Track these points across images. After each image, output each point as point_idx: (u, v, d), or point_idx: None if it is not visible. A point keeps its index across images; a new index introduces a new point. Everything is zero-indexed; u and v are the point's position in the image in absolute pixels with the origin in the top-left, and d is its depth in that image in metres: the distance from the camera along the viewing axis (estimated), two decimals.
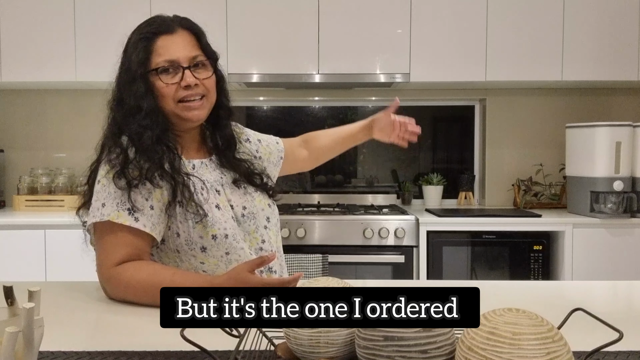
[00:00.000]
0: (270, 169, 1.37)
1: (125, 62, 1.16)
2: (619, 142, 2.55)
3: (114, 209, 1.06)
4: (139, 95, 1.12)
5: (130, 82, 1.13)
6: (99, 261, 1.09)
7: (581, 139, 2.67)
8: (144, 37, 1.14)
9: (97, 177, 1.11)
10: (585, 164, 2.65)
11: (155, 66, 1.13)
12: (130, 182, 1.06)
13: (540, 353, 0.57)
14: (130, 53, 1.14)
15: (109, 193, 1.07)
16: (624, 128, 2.57)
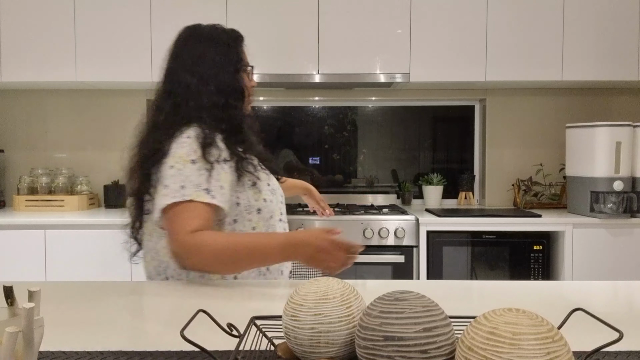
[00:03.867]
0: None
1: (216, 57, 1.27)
2: (619, 142, 2.55)
3: (194, 190, 1.16)
4: (238, 86, 1.27)
5: (230, 74, 1.27)
6: (174, 231, 1.15)
7: (581, 139, 2.67)
8: (236, 37, 1.31)
9: (167, 163, 1.19)
10: (585, 164, 2.65)
11: (246, 65, 1.32)
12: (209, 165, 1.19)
13: (540, 353, 0.57)
14: (226, 47, 1.27)
15: (187, 176, 1.17)
16: (624, 128, 2.57)
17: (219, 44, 1.29)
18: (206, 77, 1.26)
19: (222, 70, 1.27)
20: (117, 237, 2.55)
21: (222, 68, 1.27)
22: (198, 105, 1.24)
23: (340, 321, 0.72)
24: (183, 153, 1.19)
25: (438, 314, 0.67)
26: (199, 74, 1.26)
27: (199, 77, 1.26)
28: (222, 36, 1.31)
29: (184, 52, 1.32)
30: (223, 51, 1.29)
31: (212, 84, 1.26)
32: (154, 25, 2.78)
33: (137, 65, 2.78)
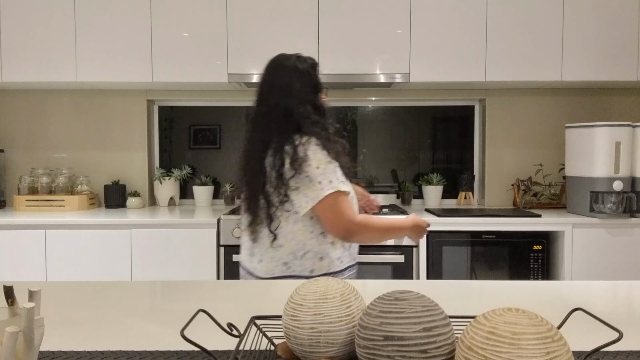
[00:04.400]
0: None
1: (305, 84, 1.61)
2: (618, 142, 2.55)
3: (338, 183, 1.49)
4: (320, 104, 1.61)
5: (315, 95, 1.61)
6: (341, 215, 1.48)
7: (581, 139, 2.67)
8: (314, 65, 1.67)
9: (312, 165, 1.47)
10: (585, 164, 2.65)
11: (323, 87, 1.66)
12: (338, 164, 1.52)
13: (540, 353, 0.57)
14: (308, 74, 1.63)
15: (330, 172, 1.48)
16: (624, 128, 2.57)
17: (303, 72, 1.62)
18: (301, 99, 1.56)
19: (309, 93, 1.59)
20: (117, 237, 2.55)
21: (309, 91, 1.60)
22: (300, 121, 1.53)
23: (340, 321, 0.72)
24: (322, 156, 1.49)
25: (438, 313, 0.67)
26: (295, 96, 1.56)
27: (295, 99, 1.56)
28: (304, 65, 1.63)
29: (277, 80, 1.62)
30: (307, 78, 1.62)
31: (307, 104, 1.56)
32: (154, 25, 2.78)
33: (137, 65, 2.78)
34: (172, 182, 3.14)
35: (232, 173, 3.31)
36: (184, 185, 3.28)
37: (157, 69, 2.79)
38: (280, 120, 1.54)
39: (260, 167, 1.53)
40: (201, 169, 3.30)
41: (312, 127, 1.52)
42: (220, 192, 3.30)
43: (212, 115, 3.29)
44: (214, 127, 3.29)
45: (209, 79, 2.79)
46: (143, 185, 3.20)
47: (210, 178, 3.24)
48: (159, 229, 2.56)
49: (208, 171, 3.29)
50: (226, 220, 2.56)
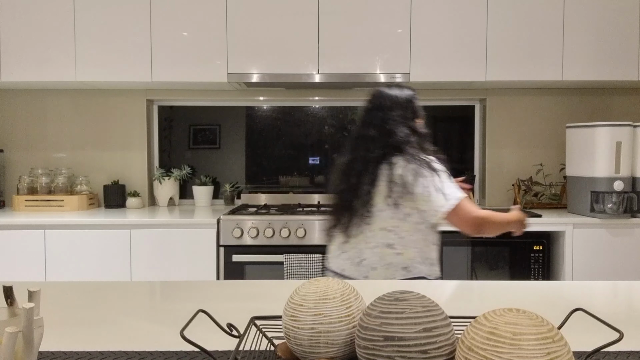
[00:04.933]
0: None
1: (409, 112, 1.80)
2: (619, 142, 2.55)
3: (457, 191, 1.70)
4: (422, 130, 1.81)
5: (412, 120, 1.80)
6: (473, 214, 1.69)
7: (581, 139, 2.67)
8: (415, 96, 1.83)
9: (435, 179, 1.67)
10: (586, 164, 2.64)
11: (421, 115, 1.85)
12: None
13: (540, 353, 0.57)
14: (413, 106, 1.81)
15: (451, 184, 1.70)
16: (624, 128, 2.57)
17: (409, 105, 1.81)
18: (400, 123, 1.75)
19: (408, 118, 1.78)
20: (117, 237, 2.55)
21: (408, 117, 1.78)
22: (400, 142, 1.72)
23: (340, 321, 0.72)
24: (443, 171, 1.72)
25: (438, 314, 0.67)
26: (395, 121, 1.75)
27: (395, 123, 1.75)
28: (408, 95, 1.82)
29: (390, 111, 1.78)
30: (413, 108, 1.81)
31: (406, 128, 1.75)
32: (153, 25, 2.78)
33: (136, 65, 2.78)
34: (172, 182, 3.14)
35: (231, 173, 3.31)
36: (184, 185, 3.28)
37: (157, 69, 2.78)
38: (383, 141, 1.73)
39: (369, 183, 1.71)
40: (201, 169, 3.30)
41: (411, 148, 1.73)
42: (220, 192, 3.30)
43: (211, 115, 3.29)
44: (214, 127, 3.29)
45: (209, 78, 2.79)
46: (143, 185, 3.20)
47: (210, 178, 3.24)
48: (159, 229, 2.56)
49: (208, 171, 3.29)
50: (226, 221, 2.56)
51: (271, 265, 2.54)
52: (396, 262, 1.68)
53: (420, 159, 1.70)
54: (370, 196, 1.69)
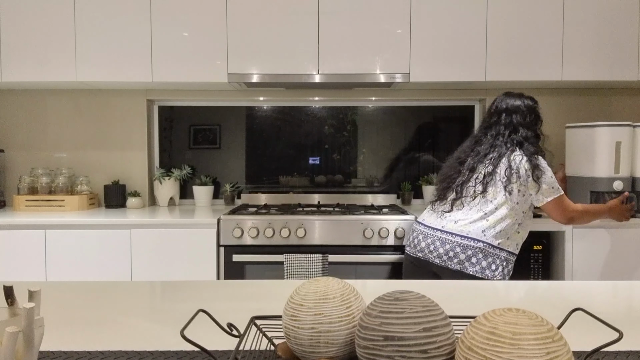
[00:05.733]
0: None
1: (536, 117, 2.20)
2: (619, 142, 2.55)
3: (560, 187, 2.13)
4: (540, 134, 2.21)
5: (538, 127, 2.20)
6: (570, 208, 2.17)
7: (581, 139, 2.67)
8: (536, 104, 2.23)
9: (547, 174, 2.10)
10: (586, 164, 2.64)
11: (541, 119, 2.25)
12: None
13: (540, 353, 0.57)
14: (538, 113, 2.22)
15: (556, 181, 2.12)
16: (624, 128, 2.57)
17: (532, 111, 2.19)
18: (524, 125, 2.16)
19: (531, 122, 2.17)
20: (117, 237, 2.55)
21: (531, 121, 2.17)
22: (522, 141, 2.13)
23: (340, 321, 0.72)
24: (549, 170, 2.11)
25: (438, 314, 0.67)
26: (519, 123, 2.16)
27: (532, 131, 2.16)
28: (528, 102, 2.20)
29: (518, 115, 2.17)
30: (535, 114, 2.20)
31: (528, 130, 2.15)
32: (153, 25, 2.78)
33: (137, 65, 2.78)
34: (172, 182, 3.14)
35: (232, 173, 3.31)
36: (184, 185, 3.29)
37: (157, 69, 2.79)
38: (511, 138, 2.13)
39: (492, 166, 2.10)
40: (201, 169, 3.30)
41: (531, 147, 2.10)
42: (220, 192, 3.30)
43: (212, 115, 3.29)
44: (214, 127, 3.29)
45: (209, 78, 2.79)
46: (143, 185, 3.20)
47: (210, 178, 3.25)
48: (159, 229, 2.56)
49: (208, 171, 3.30)
50: (226, 220, 2.56)
51: (271, 265, 2.55)
52: (479, 225, 2.07)
53: (536, 156, 2.09)
54: (486, 177, 2.09)
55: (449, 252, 2.07)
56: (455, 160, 2.24)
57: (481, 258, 2.04)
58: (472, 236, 2.06)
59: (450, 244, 2.07)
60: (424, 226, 2.19)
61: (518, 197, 2.08)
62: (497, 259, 2.05)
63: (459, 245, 2.06)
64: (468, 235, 2.06)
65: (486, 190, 2.10)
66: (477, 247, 2.04)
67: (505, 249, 2.08)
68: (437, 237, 2.12)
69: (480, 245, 2.04)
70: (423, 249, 2.14)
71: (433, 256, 2.10)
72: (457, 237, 2.07)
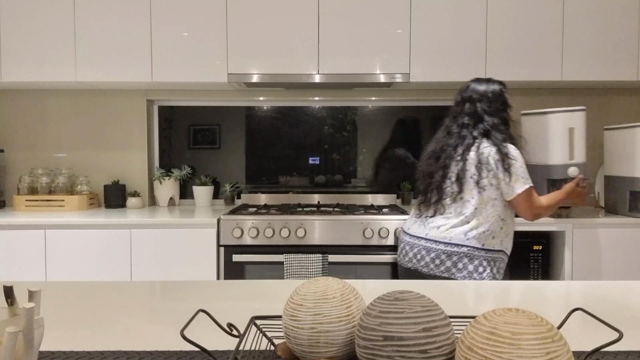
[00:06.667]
0: None
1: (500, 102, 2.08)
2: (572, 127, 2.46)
3: (529, 179, 2.00)
4: (508, 121, 2.10)
5: (506, 114, 2.09)
6: (536, 204, 2.03)
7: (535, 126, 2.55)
8: (505, 90, 2.12)
9: (517, 164, 1.97)
10: (540, 151, 2.52)
11: (510, 106, 2.13)
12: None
13: (540, 353, 0.57)
14: (504, 98, 2.10)
15: (526, 171, 2.00)
16: (577, 113, 2.46)
17: (498, 97, 2.08)
18: (490, 113, 2.05)
19: (498, 109, 2.07)
20: (117, 237, 2.55)
21: (498, 107, 2.07)
22: (489, 129, 2.03)
23: (340, 321, 0.72)
24: (521, 158, 2.00)
25: (438, 313, 0.67)
26: (486, 110, 2.05)
27: (499, 118, 2.05)
28: (495, 88, 2.09)
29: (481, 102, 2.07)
30: (502, 100, 2.08)
31: (495, 118, 2.05)
32: (154, 25, 2.78)
33: (136, 65, 2.78)
34: (172, 182, 3.14)
35: (231, 173, 3.31)
36: (184, 185, 3.29)
37: (157, 69, 2.79)
38: (476, 128, 2.04)
39: (460, 162, 2.01)
40: (201, 169, 3.30)
41: (499, 135, 2.00)
42: (220, 192, 3.30)
43: (211, 115, 3.29)
44: (214, 127, 3.29)
45: (209, 78, 2.79)
46: (143, 185, 3.20)
47: (210, 178, 3.25)
48: (159, 229, 2.56)
49: (208, 171, 3.30)
50: (226, 220, 2.56)
51: (271, 265, 2.55)
52: (460, 229, 2.01)
53: (505, 144, 1.99)
54: (460, 175, 2.01)
55: (435, 260, 2.01)
56: (431, 154, 2.14)
57: (467, 263, 1.98)
58: (455, 242, 1.99)
59: (435, 252, 2.01)
60: (409, 236, 2.13)
61: (494, 192, 1.99)
62: (484, 260, 1.99)
63: (444, 252, 2.00)
64: (451, 242, 2.00)
65: (462, 190, 2.01)
66: (461, 252, 1.98)
67: (492, 249, 2.01)
68: (423, 246, 2.05)
69: (464, 250, 1.98)
70: (411, 259, 2.09)
71: (421, 265, 2.05)
72: (441, 244, 2.01)
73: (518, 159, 1.98)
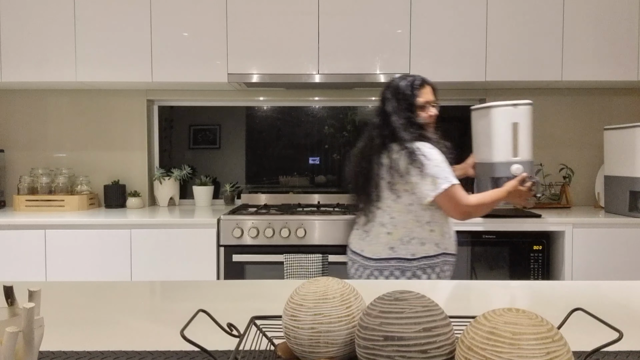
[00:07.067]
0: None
1: (402, 100, 1.91)
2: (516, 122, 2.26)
3: (452, 177, 1.82)
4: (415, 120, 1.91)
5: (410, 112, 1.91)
6: (462, 203, 1.82)
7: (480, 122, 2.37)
8: (414, 86, 1.94)
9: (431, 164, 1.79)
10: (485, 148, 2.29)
11: (419, 103, 1.94)
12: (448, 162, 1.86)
13: (540, 353, 0.57)
14: (406, 95, 1.92)
15: (445, 170, 1.81)
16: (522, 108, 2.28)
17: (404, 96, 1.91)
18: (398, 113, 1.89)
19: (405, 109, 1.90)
20: (117, 237, 2.55)
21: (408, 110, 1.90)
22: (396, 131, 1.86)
23: (340, 321, 0.72)
24: (438, 156, 1.82)
25: (438, 314, 0.67)
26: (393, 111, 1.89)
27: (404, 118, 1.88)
28: (403, 83, 1.93)
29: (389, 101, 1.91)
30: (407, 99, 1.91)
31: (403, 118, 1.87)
32: (154, 25, 2.78)
33: (137, 65, 2.78)
34: (172, 182, 3.14)
35: (232, 173, 3.31)
36: (184, 185, 3.29)
37: (157, 69, 2.79)
38: (382, 128, 1.88)
39: (370, 165, 1.87)
40: (201, 169, 3.30)
41: (406, 135, 1.84)
42: (220, 192, 3.30)
43: (212, 115, 3.29)
44: (214, 127, 3.29)
45: (209, 78, 2.79)
46: (143, 185, 3.20)
47: (210, 178, 3.25)
48: (159, 229, 2.56)
49: (208, 171, 3.30)
50: (226, 220, 2.56)
51: (271, 265, 2.55)
52: (385, 242, 1.86)
53: (414, 145, 1.81)
54: (376, 181, 1.86)
55: (370, 278, 1.87)
56: (357, 158, 1.97)
57: (399, 275, 1.84)
58: (383, 256, 1.84)
59: (369, 269, 1.88)
60: (351, 252, 1.98)
61: (408, 198, 1.83)
62: (418, 269, 1.84)
63: (376, 269, 1.86)
64: (379, 257, 1.85)
65: (379, 200, 1.86)
66: (391, 266, 1.84)
67: (426, 256, 1.83)
68: (360, 263, 1.91)
69: (393, 264, 1.84)
70: (353, 275, 1.95)
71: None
72: (371, 260, 1.86)
73: (432, 159, 1.80)
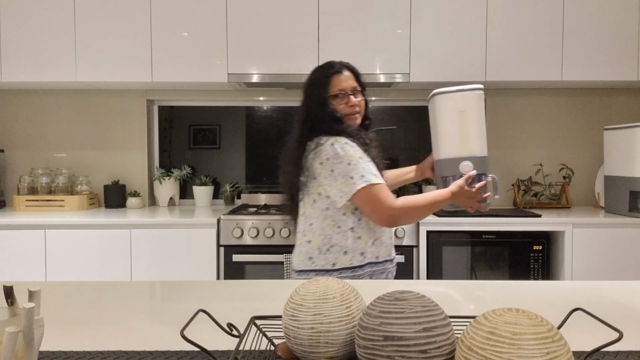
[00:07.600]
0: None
1: (314, 91, 1.69)
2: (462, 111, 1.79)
3: (370, 176, 1.57)
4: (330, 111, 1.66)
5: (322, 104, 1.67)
6: (385, 206, 1.57)
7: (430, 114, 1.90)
8: (325, 75, 1.69)
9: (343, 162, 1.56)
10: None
11: (332, 93, 1.68)
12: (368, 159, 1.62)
13: (540, 353, 0.57)
14: (317, 85, 1.69)
15: (361, 167, 1.57)
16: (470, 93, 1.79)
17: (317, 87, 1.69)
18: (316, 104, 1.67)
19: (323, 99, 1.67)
20: (117, 237, 2.55)
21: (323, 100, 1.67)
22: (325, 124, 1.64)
23: (340, 321, 0.72)
24: (352, 153, 1.58)
25: (438, 314, 0.67)
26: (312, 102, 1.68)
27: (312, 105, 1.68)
28: (320, 73, 1.71)
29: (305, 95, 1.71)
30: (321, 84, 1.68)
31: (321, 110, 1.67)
32: (153, 25, 2.78)
33: (136, 65, 2.78)
34: (172, 182, 3.14)
35: (231, 173, 3.31)
36: (184, 185, 3.28)
37: (157, 69, 2.79)
38: (303, 124, 1.69)
39: (292, 168, 1.67)
40: (201, 169, 3.30)
41: (328, 129, 1.63)
42: (220, 192, 3.30)
43: (211, 115, 3.29)
44: (214, 127, 3.29)
45: (209, 78, 2.79)
46: (143, 185, 3.20)
47: (210, 178, 3.25)
48: (159, 229, 2.56)
49: (208, 171, 3.29)
50: (226, 220, 2.56)
51: (271, 265, 2.55)
52: (305, 251, 1.65)
53: (326, 141, 1.59)
54: (297, 185, 1.67)
55: None
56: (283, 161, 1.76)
57: None
58: (303, 267, 1.65)
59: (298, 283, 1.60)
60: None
61: (324, 202, 1.62)
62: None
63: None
64: (301, 269, 1.66)
65: (297, 204, 1.70)
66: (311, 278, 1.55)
67: (350, 266, 1.61)
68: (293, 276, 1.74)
69: (313, 276, 1.62)
70: None
71: None
72: (296, 273, 1.69)
73: (344, 158, 1.56)
